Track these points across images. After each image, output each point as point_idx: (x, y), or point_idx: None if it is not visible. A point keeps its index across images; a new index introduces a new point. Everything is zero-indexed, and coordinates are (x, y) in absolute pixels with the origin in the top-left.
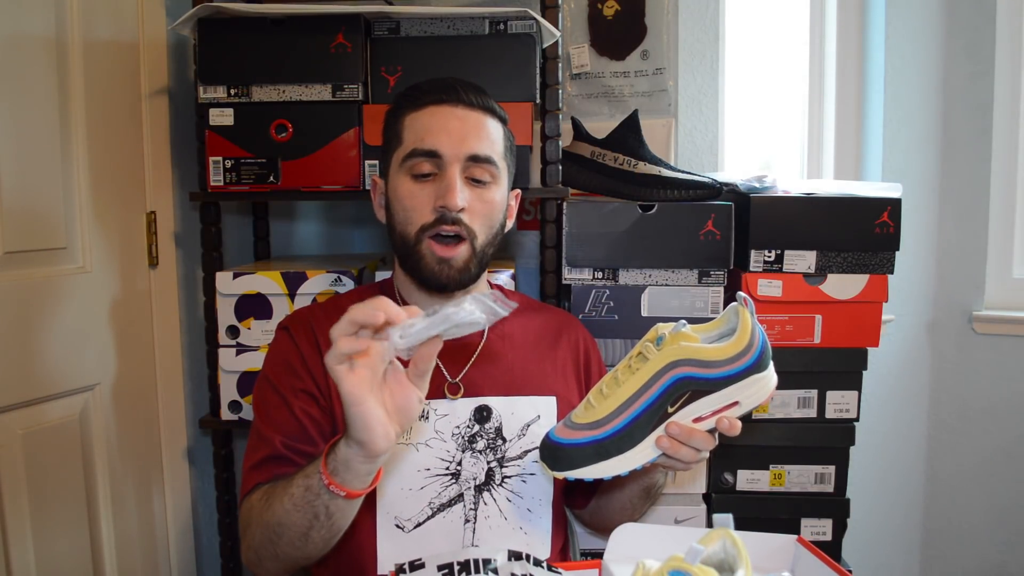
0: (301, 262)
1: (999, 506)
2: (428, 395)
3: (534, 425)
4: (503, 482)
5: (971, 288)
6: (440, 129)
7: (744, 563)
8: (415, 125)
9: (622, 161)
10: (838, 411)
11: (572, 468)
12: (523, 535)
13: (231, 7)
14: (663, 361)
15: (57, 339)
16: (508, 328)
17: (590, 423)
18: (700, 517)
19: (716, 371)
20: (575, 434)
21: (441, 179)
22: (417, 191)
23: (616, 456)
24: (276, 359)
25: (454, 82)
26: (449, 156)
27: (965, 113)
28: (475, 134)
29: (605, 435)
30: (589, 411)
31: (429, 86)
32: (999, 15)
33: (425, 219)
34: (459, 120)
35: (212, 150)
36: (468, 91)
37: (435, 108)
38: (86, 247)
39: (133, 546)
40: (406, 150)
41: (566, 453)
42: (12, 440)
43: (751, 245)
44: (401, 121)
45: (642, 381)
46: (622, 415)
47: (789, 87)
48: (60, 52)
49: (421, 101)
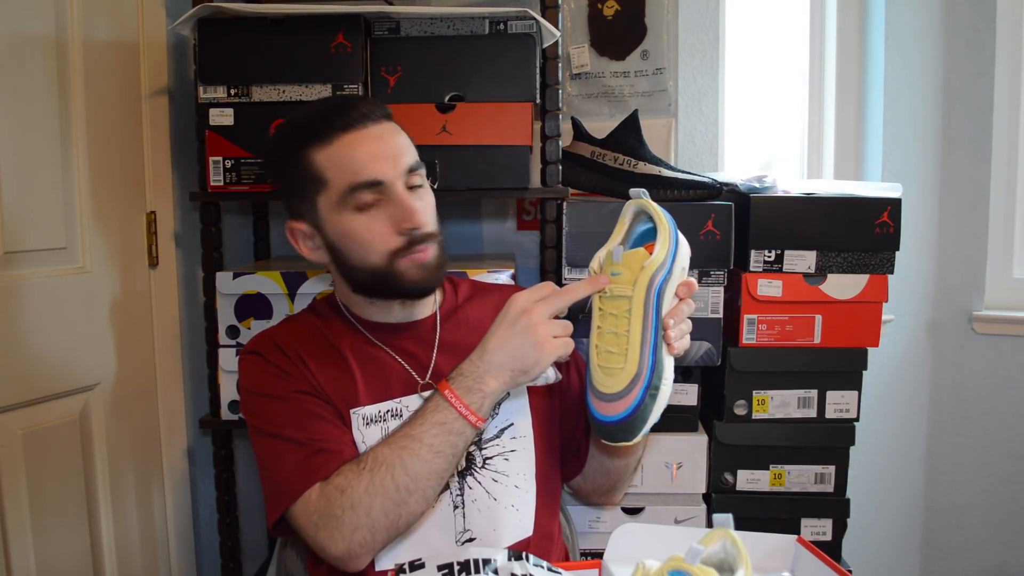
0: (301, 262)
1: (999, 506)
2: (399, 394)
3: (505, 403)
4: (485, 464)
5: (971, 288)
6: (370, 156)
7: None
8: (336, 161)
9: (622, 161)
10: (838, 411)
11: (647, 423)
12: (515, 512)
13: (231, 7)
14: (643, 288)
15: (57, 339)
16: (461, 315)
17: (631, 381)
18: (700, 517)
19: (668, 263)
20: (626, 400)
21: (389, 203)
22: (369, 223)
23: (663, 385)
24: (259, 376)
25: (346, 102)
26: (390, 179)
27: (965, 113)
28: (397, 147)
29: (648, 380)
30: (616, 376)
31: (323, 117)
32: (999, 15)
33: (391, 245)
34: (378, 140)
35: (212, 150)
36: (364, 106)
37: (348, 137)
38: (86, 247)
39: (133, 546)
40: (341, 188)
41: (636, 418)
42: (12, 440)
43: (751, 245)
44: (309, 160)
45: (640, 316)
46: (646, 354)
47: (789, 87)
48: (60, 52)
49: (324, 134)
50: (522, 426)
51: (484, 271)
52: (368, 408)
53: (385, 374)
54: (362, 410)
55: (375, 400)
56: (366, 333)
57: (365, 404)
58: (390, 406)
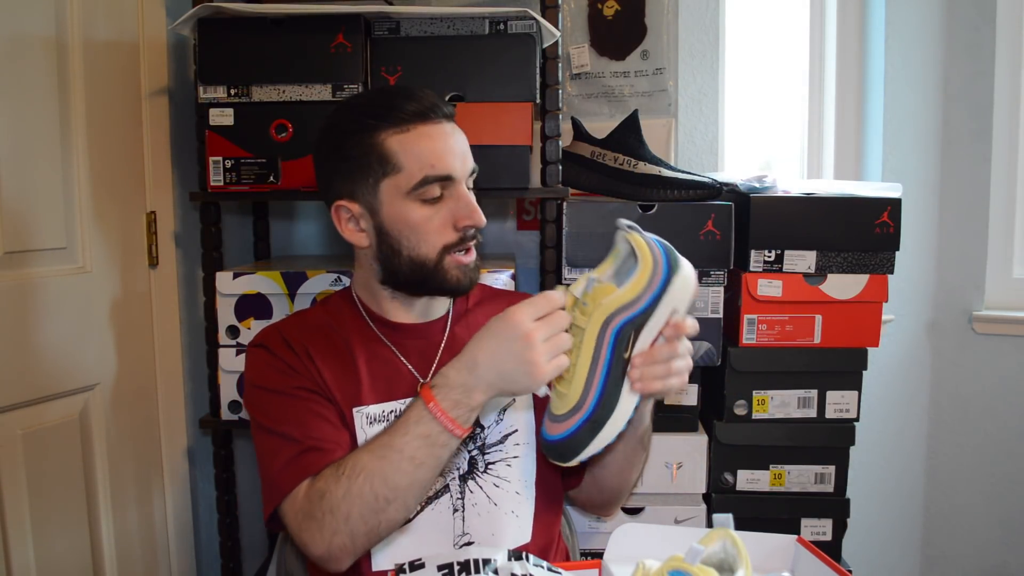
0: (301, 262)
1: (999, 506)
2: (402, 395)
3: (510, 409)
4: (487, 469)
5: (971, 288)
6: (444, 152)
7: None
8: (412, 149)
9: (622, 161)
10: (838, 411)
11: (580, 453)
12: (514, 518)
13: (231, 7)
14: (597, 324)
15: (57, 339)
16: (471, 319)
17: (570, 410)
18: (700, 517)
19: (642, 303)
20: (563, 425)
21: (452, 199)
22: (432, 215)
23: (608, 422)
24: (263, 369)
25: (428, 96)
26: (460, 176)
27: (965, 113)
28: (466, 147)
29: (588, 413)
30: (562, 400)
31: (403, 102)
32: (999, 15)
33: (447, 239)
34: (452, 138)
35: (212, 150)
36: (439, 102)
37: (425, 128)
38: (86, 247)
39: (133, 546)
40: (412, 177)
41: (567, 445)
42: (12, 440)
43: (751, 245)
44: (382, 142)
45: (590, 350)
46: (592, 388)
47: (789, 87)
48: (60, 52)
49: (403, 120)
50: (525, 433)
51: (484, 271)
52: (372, 407)
53: (390, 374)
54: (366, 409)
55: (379, 400)
56: (376, 331)
57: (369, 403)
58: (394, 406)
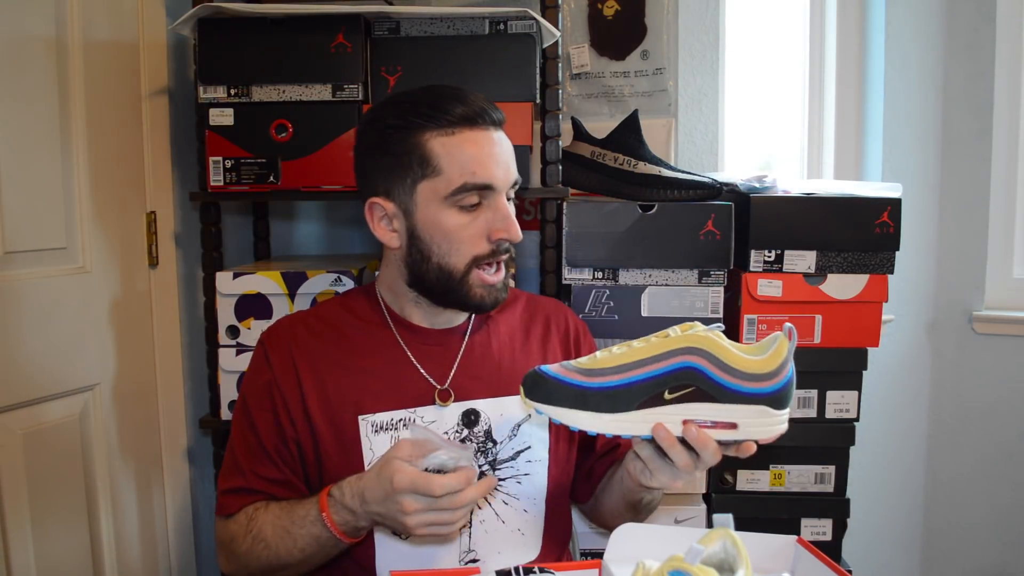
0: (301, 262)
1: (999, 506)
2: (416, 403)
3: (525, 424)
4: (498, 486)
5: (971, 288)
6: (488, 160)
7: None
8: (455, 154)
9: (622, 161)
10: (838, 411)
11: (545, 402)
12: (521, 536)
13: (231, 7)
14: (681, 343)
15: (57, 339)
16: (493, 327)
17: (584, 370)
18: (700, 517)
19: (730, 380)
20: (564, 372)
21: (490, 209)
22: (468, 223)
23: (591, 412)
24: (252, 381)
25: (477, 101)
26: (500, 187)
27: (965, 113)
28: (511, 157)
29: (592, 386)
30: (590, 360)
31: (452, 104)
32: (999, 15)
33: (479, 250)
34: (498, 146)
35: (212, 150)
36: (489, 108)
37: (471, 133)
38: (86, 247)
39: (133, 546)
40: (452, 183)
41: (546, 383)
42: (12, 440)
43: (751, 245)
44: (425, 143)
45: (652, 353)
46: (618, 375)
47: (789, 87)
48: (60, 52)
49: (449, 122)
50: (539, 450)
51: None
52: (379, 416)
53: (403, 381)
54: (372, 417)
55: (388, 408)
56: (396, 333)
57: (376, 411)
58: (403, 415)
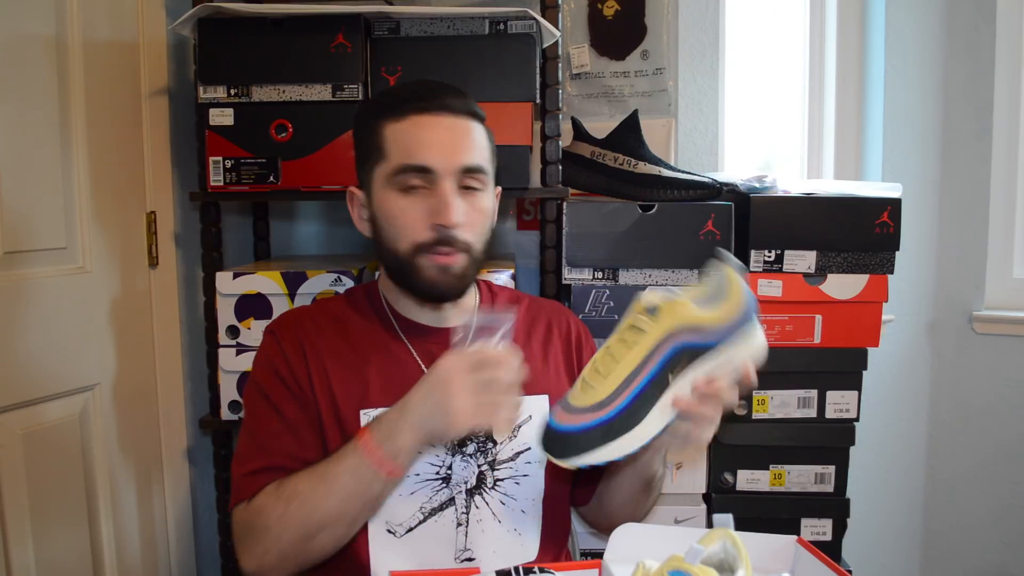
0: (301, 262)
1: (999, 506)
2: None
3: (525, 426)
4: (496, 485)
5: (971, 288)
6: (429, 142)
7: (744, 563)
8: (399, 137)
9: (622, 161)
10: (838, 411)
11: (581, 455)
12: (517, 536)
13: (231, 7)
14: (661, 332)
15: (57, 339)
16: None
17: (592, 405)
18: (700, 517)
19: (711, 336)
20: (578, 419)
21: (433, 193)
22: (408, 207)
23: (624, 435)
24: (264, 364)
25: (435, 87)
26: (441, 170)
27: (965, 113)
28: (464, 144)
29: (610, 415)
30: (588, 392)
31: (409, 92)
32: (999, 15)
33: (420, 236)
34: (446, 130)
35: (212, 150)
36: (450, 96)
37: (418, 118)
38: (86, 247)
39: (133, 546)
40: (392, 165)
41: (574, 440)
42: (12, 440)
43: (751, 245)
44: (380, 131)
45: (642, 355)
46: (624, 392)
47: (789, 87)
48: (60, 52)
49: (401, 109)
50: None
51: (484, 271)
52: (380, 410)
53: (404, 376)
54: (373, 411)
55: (389, 402)
56: (397, 328)
57: (377, 405)
58: None
